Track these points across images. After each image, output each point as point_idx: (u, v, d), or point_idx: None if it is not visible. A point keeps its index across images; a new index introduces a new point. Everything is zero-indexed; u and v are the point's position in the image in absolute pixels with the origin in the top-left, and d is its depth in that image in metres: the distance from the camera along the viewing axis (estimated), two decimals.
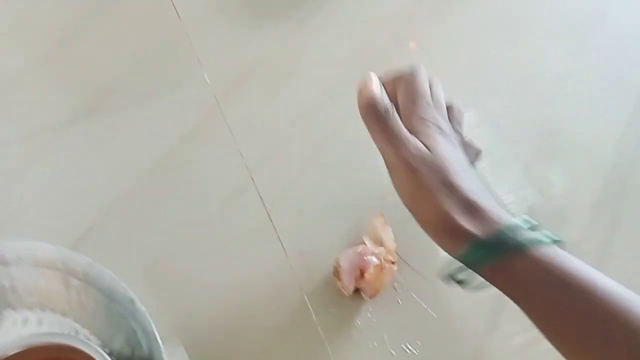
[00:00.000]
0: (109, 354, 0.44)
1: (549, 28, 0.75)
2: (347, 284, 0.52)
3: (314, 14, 0.74)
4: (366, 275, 0.51)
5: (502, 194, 0.61)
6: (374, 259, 0.51)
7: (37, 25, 0.69)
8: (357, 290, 0.52)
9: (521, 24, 0.76)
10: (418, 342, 0.51)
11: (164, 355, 0.45)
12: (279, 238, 0.56)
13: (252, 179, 0.59)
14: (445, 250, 0.38)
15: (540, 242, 0.36)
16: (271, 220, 0.57)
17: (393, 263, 0.52)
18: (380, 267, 0.51)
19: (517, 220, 0.37)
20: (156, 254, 0.54)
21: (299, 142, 0.63)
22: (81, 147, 0.60)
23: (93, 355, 0.43)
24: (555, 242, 0.37)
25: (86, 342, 0.44)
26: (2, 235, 0.53)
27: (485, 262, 0.36)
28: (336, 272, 0.52)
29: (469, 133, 0.57)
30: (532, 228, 0.38)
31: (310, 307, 0.52)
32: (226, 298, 0.53)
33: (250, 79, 0.67)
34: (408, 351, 0.51)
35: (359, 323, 0.52)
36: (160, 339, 0.45)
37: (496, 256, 0.36)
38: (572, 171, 0.63)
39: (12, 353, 0.43)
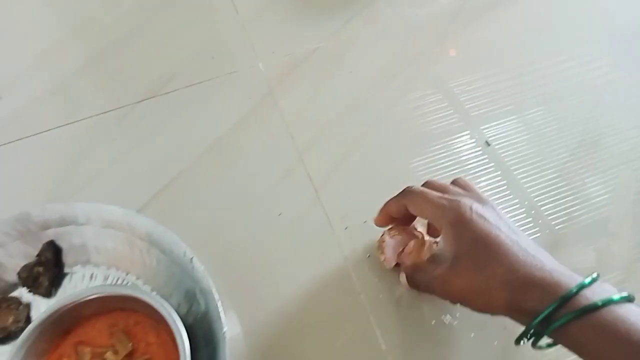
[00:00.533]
0: None
1: (591, 39, 0.76)
2: (390, 258, 0.54)
3: (365, 10, 0.77)
4: (406, 249, 0.53)
5: (541, 203, 0.62)
6: (416, 234, 0.54)
7: (105, 17, 0.75)
8: (397, 265, 0.54)
9: (563, 34, 0.77)
10: (457, 313, 0.53)
11: (221, 313, 0.48)
12: (325, 214, 0.59)
13: (301, 159, 0.63)
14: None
15: (609, 301, 0.37)
16: (318, 198, 0.60)
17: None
18: (421, 243, 0.53)
19: (577, 280, 0.39)
20: (210, 223, 0.58)
21: (346, 128, 0.66)
22: (147, 126, 0.66)
23: (156, 306, 0.47)
24: (624, 298, 0.38)
25: (150, 294, 0.48)
26: (76, 200, 0.58)
27: (550, 331, 0.38)
28: (380, 247, 0.55)
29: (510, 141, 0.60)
30: (593, 280, 0.39)
31: (354, 277, 0.55)
32: (274, 268, 0.56)
33: (302, 69, 0.71)
34: (446, 322, 0.52)
35: (399, 294, 0.54)
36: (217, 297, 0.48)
37: (562, 324, 0.37)
38: (612, 181, 0.63)
39: (87, 298, 0.47)
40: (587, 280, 0.39)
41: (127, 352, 0.48)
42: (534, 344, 0.41)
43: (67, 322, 0.49)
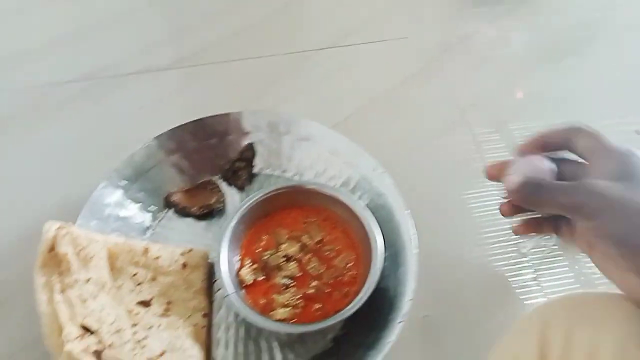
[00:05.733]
0: None
1: None
2: None
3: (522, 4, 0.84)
4: None
5: None
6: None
7: None
8: None
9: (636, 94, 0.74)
10: None
11: (409, 221, 0.54)
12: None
13: (463, 116, 0.69)
14: None
15: None
16: (479, 151, 0.66)
17: None
18: None
19: None
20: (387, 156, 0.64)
21: (504, 100, 0.72)
22: (327, 70, 0.74)
23: (349, 203, 0.54)
24: None
25: (344, 191, 0.55)
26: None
27: None
28: None
29: None
30: None
31: None
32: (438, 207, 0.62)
33: (465, 45, 0.78)
34: None
35: None
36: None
37: None
38: None
39: (285, 190, 0.56)
40: None
41: (318, 239, 0.55)
42: None
43: (266, 208, 0.57)
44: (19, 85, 0.71)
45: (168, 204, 0.59)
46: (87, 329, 0.45)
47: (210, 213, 0.59)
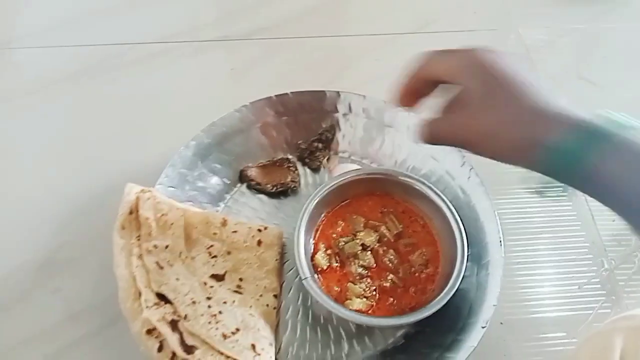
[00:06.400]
0: None
1: None
2: None
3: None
4: None
5: None
6: None
7: None
8: None
9: None
10: None
11: (496, 219, 0.52)
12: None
13: None
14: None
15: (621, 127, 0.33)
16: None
17: None
18: None
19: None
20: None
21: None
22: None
23: (432, 196, 0.52)
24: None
25: (428, 184, 0.53)
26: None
27: (572, 169, 0.34)
28: None
29: None
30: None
31: None
32: None
33: (558, 44, 0.74)
34: None
35: None
36: None
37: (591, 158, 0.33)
38: None
39: (365, 176, 0.54)
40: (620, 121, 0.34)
41: (397, 232, 0.53)
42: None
43: (345, 193, 0.55)
44: (101, 41, 0.71)
45: (242, 178, 0.58)
46: (163, 298, 0.45)
47: (283, 192, 0.58)
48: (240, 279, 0.50)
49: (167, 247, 0.48)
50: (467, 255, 0.49)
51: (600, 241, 0.57)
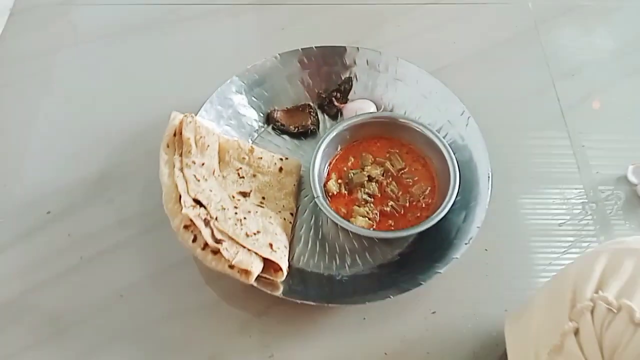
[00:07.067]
0: None
1: None
2: None
3: None
4: None
5: None
6: None
7: None
8: None
9: None
10: None
11: (487, 161, 0.59)
12: (568, 134, 0.68)
13: (553, 84, 0.72)
14: None
15: None
16: (564, 118, 0.69)
17: None
18: None
19: None
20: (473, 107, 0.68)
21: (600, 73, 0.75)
22: (421, 25, 0.78)
23: (431, 136, 0.59)
24: None
25: (428, 126, 0.60)
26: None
27: None
28: None
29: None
30: None
31: None
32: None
33: (569, 16, 0.80)
34: None
35: None
36: None
37: None
38: None
39: (373, 120, 0.62)
40: None
41: (400, 167, 0.61)
42: None
43: (357, 133, 0.63)
44: (153, 2, 0.80)
45: (269, 119, 0.67)
46: (198, 203, 0.54)
47: (304, 133, 0.66)
48: (263, 198, 0.59)
49: (203, 164, 0.57)
50: (459, 189, 0.57)
51: (592, 182, 0.64)
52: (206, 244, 0.51)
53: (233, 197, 0.57)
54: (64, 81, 0.72)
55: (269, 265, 0.53)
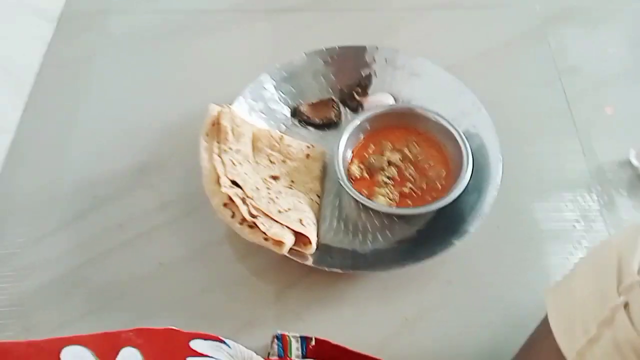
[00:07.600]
0: None
1: None
2: None
3: None
4: None
5: None
6: None
7: None
8: None
9: None
10: None
11: (497, 150, 0.64)
12: (574, 124, 0.73)
13: (559, 78, 0.77)
14: None
15: None
16: (572, 115, 0.74)
17: None
18: None
19: None
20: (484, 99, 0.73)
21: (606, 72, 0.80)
22: (432, 28, 0.84)
23: (446, 125, 0.64)
24: None
25: (441, 115, 0.66)
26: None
27: None
28: None
29: None
30: None
31: None
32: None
33: (576, 20, 0.85)
34: None
35: None
36: None
37: None
38: None
39: (391, 111, 0.67)
40: None
41: (416, 153, 0.66)
42: None
43: (378, 123, 0.68)
44: (184, 8, 0.87)
45: (296, 112, 0.73)
46: (235, 183, 0.60)
47: (327, 125, 0.72)
48: (292, 181, 0.65)
49: (238, 150, 0.63)
50: (472, 171, 0.62)
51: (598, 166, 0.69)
52: (243, 219, 0.57)
53: (265, 180, 0.63)
54: (104, 82, 0.78)
55: (299, 239, 0.58)
